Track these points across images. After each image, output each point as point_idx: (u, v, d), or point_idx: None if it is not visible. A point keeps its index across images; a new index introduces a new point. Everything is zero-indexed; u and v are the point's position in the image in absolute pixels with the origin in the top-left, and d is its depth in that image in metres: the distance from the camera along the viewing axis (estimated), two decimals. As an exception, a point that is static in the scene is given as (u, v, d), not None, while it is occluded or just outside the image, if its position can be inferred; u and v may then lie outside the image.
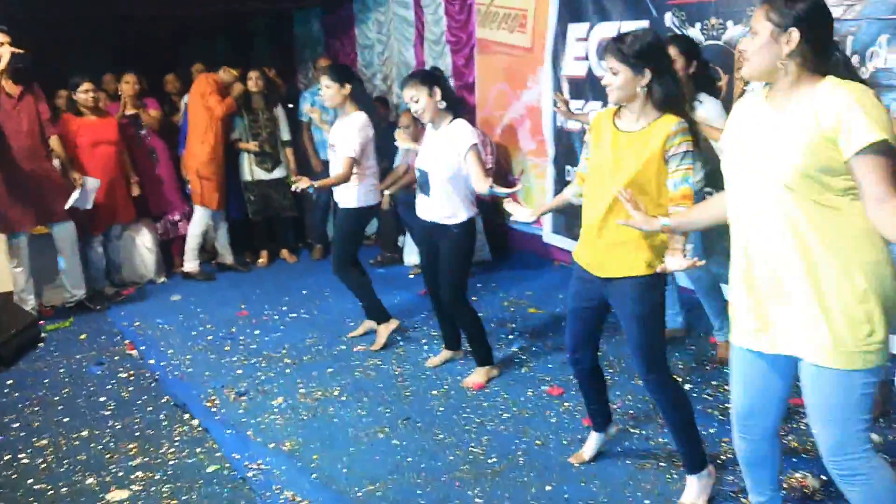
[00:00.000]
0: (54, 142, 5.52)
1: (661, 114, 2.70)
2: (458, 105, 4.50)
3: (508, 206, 3.29)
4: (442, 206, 3.94)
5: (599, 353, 3.12)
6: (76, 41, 5.48)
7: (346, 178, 4.39)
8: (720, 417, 3.51)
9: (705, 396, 3.77)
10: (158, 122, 6.55)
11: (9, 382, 4.48)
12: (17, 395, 4.31)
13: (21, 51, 5.11)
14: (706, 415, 3.55)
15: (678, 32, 4.71)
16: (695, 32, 4.65)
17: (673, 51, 3.84)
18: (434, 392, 4.03)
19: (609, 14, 5.24)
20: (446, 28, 7.09)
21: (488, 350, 4.15)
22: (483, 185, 3.65)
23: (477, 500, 3.02)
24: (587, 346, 3.05)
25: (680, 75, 3.88)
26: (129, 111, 6.33)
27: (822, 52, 2.06)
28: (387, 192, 6.14)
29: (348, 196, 4.53)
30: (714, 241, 4.03)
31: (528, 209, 3.30)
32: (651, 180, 2.68)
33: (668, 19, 4.82)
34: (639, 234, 2.71)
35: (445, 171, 3.88)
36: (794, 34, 2.03)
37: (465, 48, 6.95)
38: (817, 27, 2.04)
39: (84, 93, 5.81)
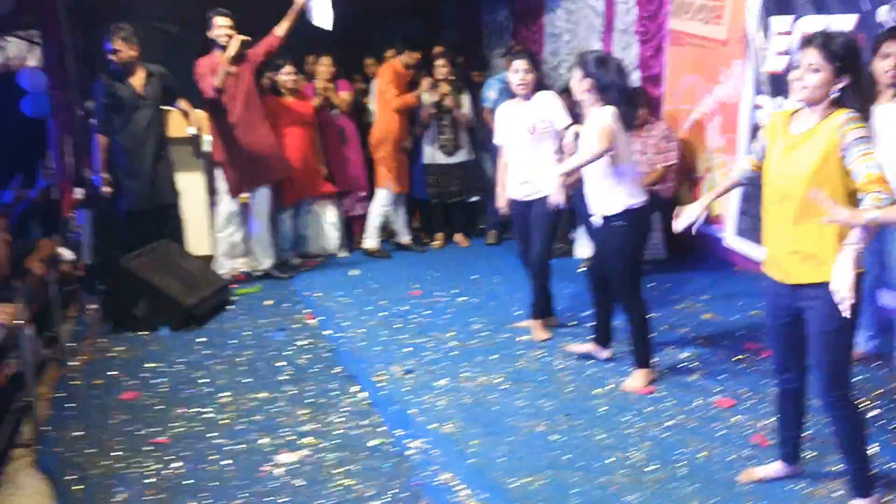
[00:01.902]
0: (183, 104, 5.90)
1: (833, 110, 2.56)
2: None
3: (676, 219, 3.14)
4: (598, 196, 3.93)
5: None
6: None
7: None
8: (910, 451, 3.23)
9: (893, 427, 3.47)
10: (349, 104, 6.84)
11: (200, 340, 4.87)
12: (206, 353, 4.68)
13: (248, 38, 5.54)
14: (891, 446, 3.27)
15: None
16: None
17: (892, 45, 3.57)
18: (597, 390, 3.97)
19: (814, 7, 4.88)
20: (637, 18, 6.90)
21: (649, 352, 4.03)
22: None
23: (633, 506, 2.96)
24: (794, 365, 2.90)
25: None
26: (324, 92, 6.66)
27: None
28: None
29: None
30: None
31: (689, 210, 3.12)
32: (832, 177, 2.54)
33: (885, 13, 4.43)
34: (832, 240, 2.56)
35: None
36: None
37: (653, 39, 6.73)
38: None
39: (286, 75, 6.18)
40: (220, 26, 5.62)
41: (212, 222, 6.23)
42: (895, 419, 3.51)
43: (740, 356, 4.28)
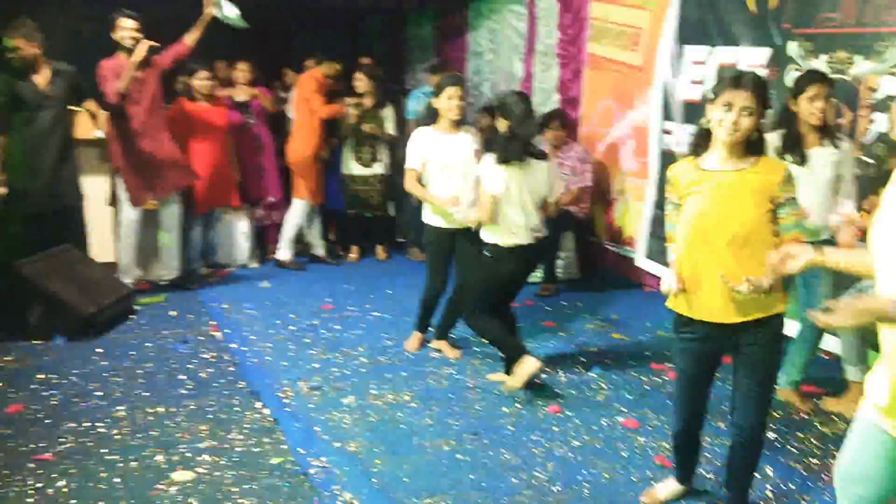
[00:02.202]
0: (91, 105, 5.64)
1: (756, 155, 2.61)
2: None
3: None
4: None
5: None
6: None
7: None
8: (803, 473, 3.30)
9: (790, 448, 3.56)
10: (274, 105, 6.70)
11: (98, 350, 4.65)
12: (103, 364, 4.47)
13: (156, 44, 5.36)
14: (787, 467, 3.34)
15: (801, 65, 4.50)
16: (819, 65, 4.41)
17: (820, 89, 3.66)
18: (505, 409, 3.95)
19: (731, 37, 5.03)
20: (557, 41, 7.00)
21: (516, 348, 4.09)
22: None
23: (535, 527, 2.94)
24: (700, 413, 2.91)
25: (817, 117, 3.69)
26: (240, 98, 6.52)
27: None
28: None
29: None
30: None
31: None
32: (764, 221, 2.58)
33: (792, 49, 4.59)
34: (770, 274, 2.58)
35: None
36: None
37: (573, 63, 6.84)
38: None
39: (200, 80, 6.01)
40: (125, 28, 5.42)
41: (117, 228, 5.98)
42: (790, 441, 3.60)
43: (646, 377, 4.33)
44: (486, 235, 4.11)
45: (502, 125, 4.01)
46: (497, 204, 3.97)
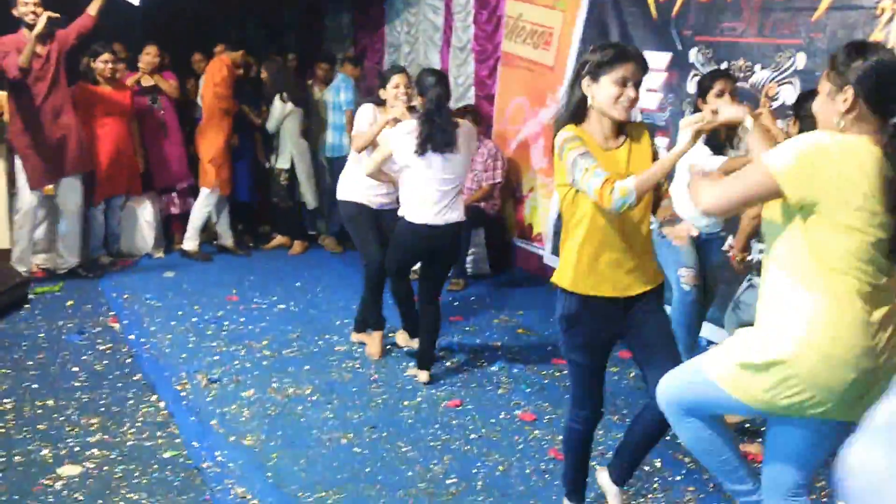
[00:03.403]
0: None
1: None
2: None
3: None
4: None
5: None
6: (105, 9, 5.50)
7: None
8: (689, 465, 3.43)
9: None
10: (176, 90, 6.53)
11: (-14, 341, 4.48)
12: (-8, 354, 4.30)
13: (57, 15, 5.16)
14: (674, 460, 3.46)
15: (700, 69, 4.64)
16: (718, 71, 4.56)
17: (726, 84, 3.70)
18: (406, 402, 3.97)
19: (633, 41, 5.15)
20: (473, 37, 7.04)
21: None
22: None
23: (427, 520, 2.97)
24: (599, 401, 2.81)
25: None
26: (146, 82, 6.35)
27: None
28: None
29: None
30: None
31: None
32: None
33: (693, 55, 4.74)
34: (650, 244, 2.68)
35: None
36: (849, 92, 2.02)
37: (489, 59, 6.89)
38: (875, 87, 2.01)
39: (103, 63, 5.83)
40: (26, 3, 5.21)
41: (11, 214, 5.75)
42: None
43: (546, 371, 4.42)
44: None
45: (418, 103, 4.02)
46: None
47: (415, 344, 4.45)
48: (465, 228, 5.51)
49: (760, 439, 3.43)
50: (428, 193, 4.00)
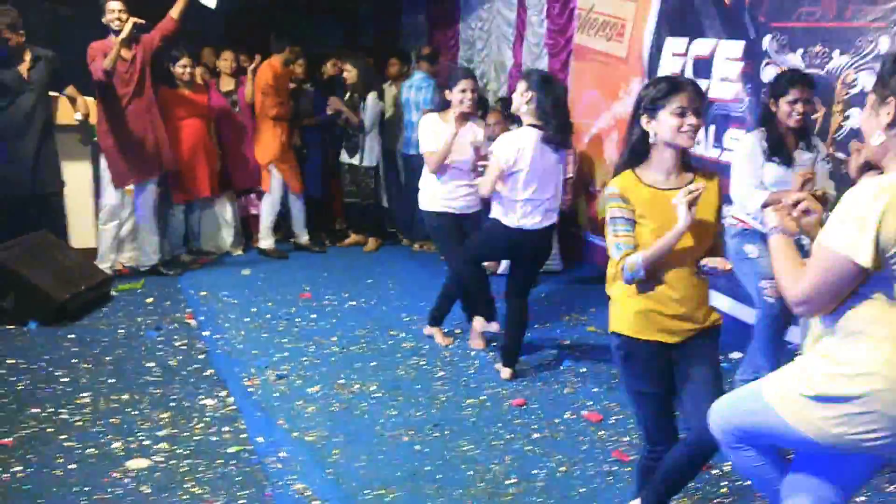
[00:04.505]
0: (72, 90, 5.63)
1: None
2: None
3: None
4: None
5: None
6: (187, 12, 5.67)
7: None
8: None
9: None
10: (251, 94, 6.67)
11: (70, 337, 4.66)
12: (74, 350, 4.47)
13: (142, 21, 5.36)
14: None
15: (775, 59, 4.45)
16: (795, 59, 4.37)
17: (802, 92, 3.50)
18: (470, 400, 3.94)
19: (706, 31, 4.99)
20: (546, 31, 6.95)
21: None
22: None
23: (484, 520, 2.93)
24: (671, 434, 2.65)
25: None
26: (226, 87, 6.51)
27: None
28: None
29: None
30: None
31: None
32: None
33: (767, 42, 4.55)
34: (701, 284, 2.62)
35: None
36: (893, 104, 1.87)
37: (562, 53, 6.80)
38: None
39: (181, 67, 6.00)
40: (112, 10, 5.42)
41: (97, 214, 5.99)
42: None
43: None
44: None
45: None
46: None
47: (492, 327, 4.46)
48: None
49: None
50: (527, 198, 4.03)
